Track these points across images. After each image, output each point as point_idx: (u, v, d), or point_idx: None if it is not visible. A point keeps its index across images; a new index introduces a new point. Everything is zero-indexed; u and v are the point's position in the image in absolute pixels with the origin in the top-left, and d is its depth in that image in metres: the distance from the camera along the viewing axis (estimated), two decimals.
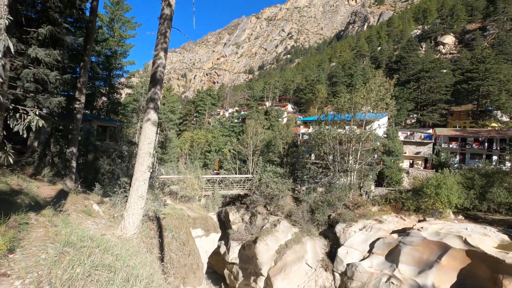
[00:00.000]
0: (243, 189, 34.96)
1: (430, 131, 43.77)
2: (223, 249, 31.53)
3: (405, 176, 34.09)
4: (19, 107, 4.58)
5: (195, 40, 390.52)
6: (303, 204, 30.58)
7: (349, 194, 29.69)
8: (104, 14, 26.51)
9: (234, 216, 35.31)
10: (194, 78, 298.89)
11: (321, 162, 32.14)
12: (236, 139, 44.93)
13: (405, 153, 37.73)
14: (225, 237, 31.92)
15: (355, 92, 29.83)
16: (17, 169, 9.50)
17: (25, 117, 4.15)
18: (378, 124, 32.68)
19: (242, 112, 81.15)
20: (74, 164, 12.31)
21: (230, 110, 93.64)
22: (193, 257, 12.96)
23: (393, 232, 25.86)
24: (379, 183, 32.52)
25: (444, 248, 20.88)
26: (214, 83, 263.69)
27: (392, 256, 23.11)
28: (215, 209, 30.61)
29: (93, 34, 12.98)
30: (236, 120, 72.66)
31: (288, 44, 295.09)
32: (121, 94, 29.86)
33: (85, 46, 12.74)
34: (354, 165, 30.28)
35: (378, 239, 25.08)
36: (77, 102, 12.30)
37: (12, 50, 3.41)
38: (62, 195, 8.96)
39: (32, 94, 9.74)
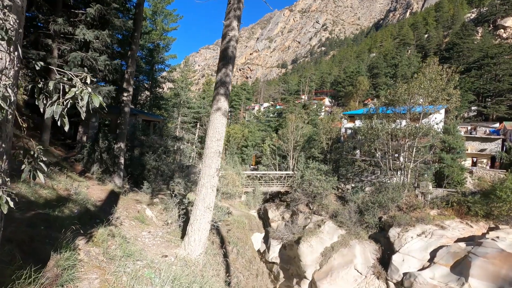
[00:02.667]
0: (283, 186, 33.52)
1: (497, 125, 38.47)
2: (262, 247, 30.51)
3: (468, 176, 30.20)
4: (53, 68, 3.15)
5: None
6: (350, 204, 28.34)
7: (403, 195, 26.86)
8: (147, 7, 26.33)
9: (274, 213, 34.09)
10: None
11: (370, 159, 29.47)
12: (275, 134, 43.35)
13: (467, 150, 33.48)
14: (264, 235, 30.90)
15: (412, 81, 26.66)
16: (66, 167, 8.96)
17: (67, 90, 2.47)
18: (435, 118, 29.21)
19: (278, 107, 79.33)
20: (122, 160, 11.70)
21: (265, 105, 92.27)
22: (262, 278, 11.67)
23: (458, 240, 22.79)
24: (437, 183, 29.15)
25: None
26: (247, 78, 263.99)
27: (460, 268, 20.21)
28: (256, 206, 29.53)
29: (141, 21, 12.15)
30: (271, 115, 71.10)
31: (323, 36, 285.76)
32: (163, 88, 29.81)
33: (133, 34, 11.90)
34: (409, 163, 27.27)
35: (440, 247, 22.21)
36: (125, 94, 11.60)
37: None
38: (112, 198, 8.20)
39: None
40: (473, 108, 52.53)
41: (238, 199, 27.66)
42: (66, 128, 2.59)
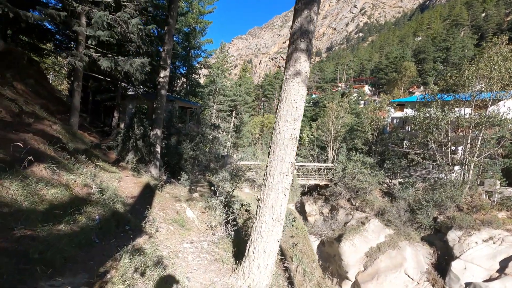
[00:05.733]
0: (322, 179, 31.50)
1: None
2: None
3: None
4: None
5: (260, 25, 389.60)
6: (399, 201, 25.66)
7: (464, 193, 23.60)
8: None
9: (311, 207, 32.41)
10: (259, 64, 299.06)
11: (424, 152, 26.27)
12: (315, 124, 41.03)
13: None
14: None
15: (481, 63, 22.84)
16: (97, 156, 7.96)
17: None
18: (506, 106, 25.11)
19: (313, 95, 76.04)
20: (158, 148, 10.64)
21: None
22: None
23: None
24: (507, 181, 25.30)
25: None
26: (279, 67, 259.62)
27: None
28: (294, 200, 27.94)
29: None
30: (306, 104, 68.25)
31: (361, 21, 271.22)
32: (199, 75, 28.88)
33: (169, 5, 10.58)
34: (472, 157, 23.79)
35: None
36: (162, 75, 10.43)
37: None
38: (147, 194, 7.02)
39: (110, 55, 7.99)
40: None
41: None
42: None
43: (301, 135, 42.19)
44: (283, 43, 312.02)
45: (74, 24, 7.83)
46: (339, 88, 75.95)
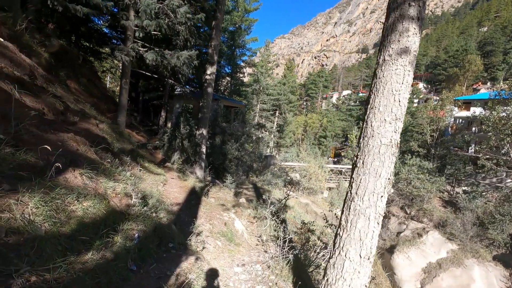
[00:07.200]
0: None
1: None
2: None
3: None
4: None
5: (303, 23, 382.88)
6: (464, 212, 22.69)
7: None
8: None
9: None
10: (302, 63, 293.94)
11: (498, 157, 22.73)
12: (356, 124, 38.48)
13: None
14: None
15: None
16: (143, 156, 7.75)
17: None
18: None
19: (360, 94, 71.92)
20: (203, 149, 10.27)
21: (345, 93, 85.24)
22: None
23: None
24: None
25: None
26: (322, 65, 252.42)
27: None
28: (341, 205, 26.17)
29: None
30: (353, 103, 64.72)
31: None
32: (243, 74, 28.63)
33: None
34: None
35: None
36: (208, 72, 10.05)
37: None
38: (192, 201, 6.55)
39: (157, 49, 7.77)
40: None
41: (320, 195, 24.82)
42: None
43: (348, 135, 39.83)
44: (327, 40, 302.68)
45: (122, 17, 7.79)
46: None
